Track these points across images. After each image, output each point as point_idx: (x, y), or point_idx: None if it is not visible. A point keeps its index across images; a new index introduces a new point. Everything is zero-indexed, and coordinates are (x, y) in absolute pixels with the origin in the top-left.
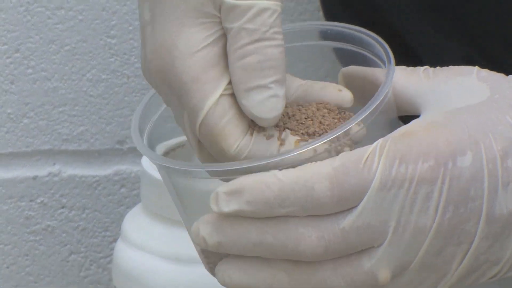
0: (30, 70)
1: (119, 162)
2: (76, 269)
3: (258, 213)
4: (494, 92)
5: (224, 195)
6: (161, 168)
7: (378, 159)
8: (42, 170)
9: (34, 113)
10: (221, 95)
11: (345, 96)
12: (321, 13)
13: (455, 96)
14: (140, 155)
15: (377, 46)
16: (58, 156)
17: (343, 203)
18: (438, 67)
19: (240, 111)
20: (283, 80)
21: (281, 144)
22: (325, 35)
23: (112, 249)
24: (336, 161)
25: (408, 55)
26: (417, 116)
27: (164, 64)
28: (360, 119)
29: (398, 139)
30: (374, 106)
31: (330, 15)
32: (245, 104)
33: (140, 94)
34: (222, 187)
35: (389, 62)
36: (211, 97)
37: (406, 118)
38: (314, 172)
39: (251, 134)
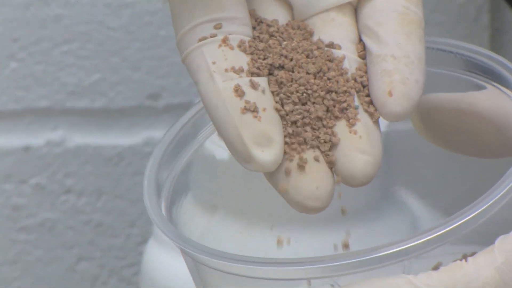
0: None
1: (152, 125)
2: (88, 282)
3: None
4: None
5: None
6: (186, 253)
7: None
8: (38, 138)
9: (27, 53)
10: None
11: (390, 107)
12: None
13: None
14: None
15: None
16: (61, 118)
17: None
18: None
19: None
20: None
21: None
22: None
23: (141, 253)
24: (497, 257)
25: None
26: None
27: None
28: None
29: None
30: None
31: None
32: None
33: None
34: None
35: None
36: None
37: None
38: (471, 278)
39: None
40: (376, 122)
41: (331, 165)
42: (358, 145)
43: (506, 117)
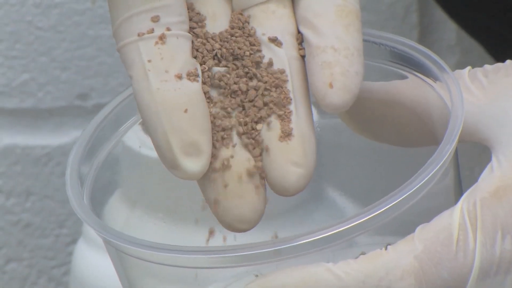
0: None
1: (80, 125)
2: (17, 283)
3: None
4: None
5: None
6: (108, 242)
7: (473, 234)
8: None
9: None
10: None
11: (331, 98)
12: None
13: None
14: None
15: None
16: None
17: None
18: (486, 67)
19: None
20: None
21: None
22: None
23: (70, 253)
24: (417, 246)
25: None
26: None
27: None
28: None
29: (491, 201)
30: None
31: None
32: None
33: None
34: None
35: (458, 91)
36: None
37: None
38: (390, 266)
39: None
40: (312, 129)
41: (262, 174)
42: (291, 156)
43: (427, 106)
